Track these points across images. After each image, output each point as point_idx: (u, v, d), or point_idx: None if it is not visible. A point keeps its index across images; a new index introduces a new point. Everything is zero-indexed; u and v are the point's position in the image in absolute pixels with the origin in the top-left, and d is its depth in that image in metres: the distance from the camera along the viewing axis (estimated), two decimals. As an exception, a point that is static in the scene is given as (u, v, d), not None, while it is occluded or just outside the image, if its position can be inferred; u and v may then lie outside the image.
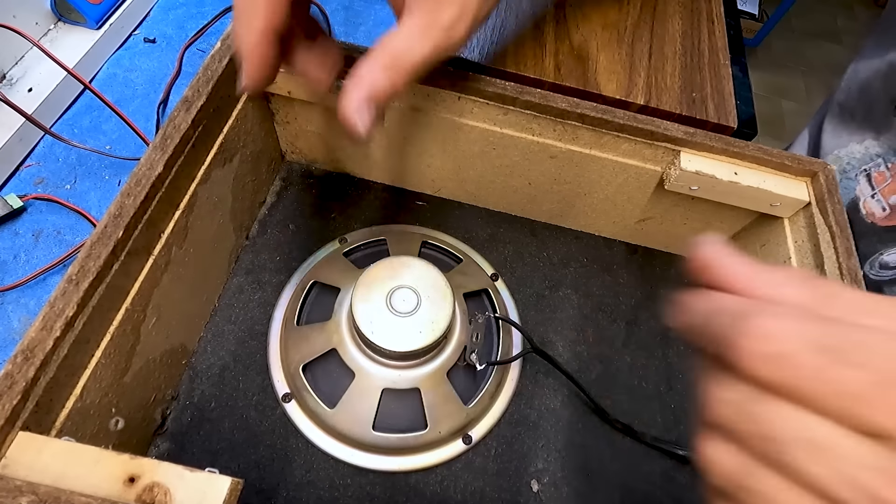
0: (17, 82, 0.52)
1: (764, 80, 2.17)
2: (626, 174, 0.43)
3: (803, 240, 0.39)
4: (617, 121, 0.38)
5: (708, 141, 0.39)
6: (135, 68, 0.57)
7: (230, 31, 0.37)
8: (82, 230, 0.46)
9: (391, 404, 0.38)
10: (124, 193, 0.29)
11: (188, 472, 0.23)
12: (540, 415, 0.41)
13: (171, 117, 0.32)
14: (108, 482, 0.22)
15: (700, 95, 0.46)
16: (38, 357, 0.24)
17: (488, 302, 0.45)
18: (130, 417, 0.32)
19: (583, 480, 0.39)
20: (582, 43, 0.48)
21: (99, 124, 0.53)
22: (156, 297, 0.32)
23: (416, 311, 0.36)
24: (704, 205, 0.44)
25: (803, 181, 0.40)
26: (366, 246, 0.46)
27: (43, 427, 0.25)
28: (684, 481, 0.40)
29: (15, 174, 0.49)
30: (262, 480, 0.36)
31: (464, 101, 0.39)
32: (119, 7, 0.60)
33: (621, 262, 0.50)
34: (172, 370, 0.37)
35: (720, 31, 0.52)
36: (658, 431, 0.42)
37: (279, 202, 0.48)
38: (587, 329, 0.46)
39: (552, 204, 0.48)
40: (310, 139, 0.47)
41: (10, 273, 0.43)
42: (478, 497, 0.37)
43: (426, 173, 0.48)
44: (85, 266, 0.26)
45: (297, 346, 0.40)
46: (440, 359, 0.39)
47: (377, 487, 0.37)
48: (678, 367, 0.45)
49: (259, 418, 0.38)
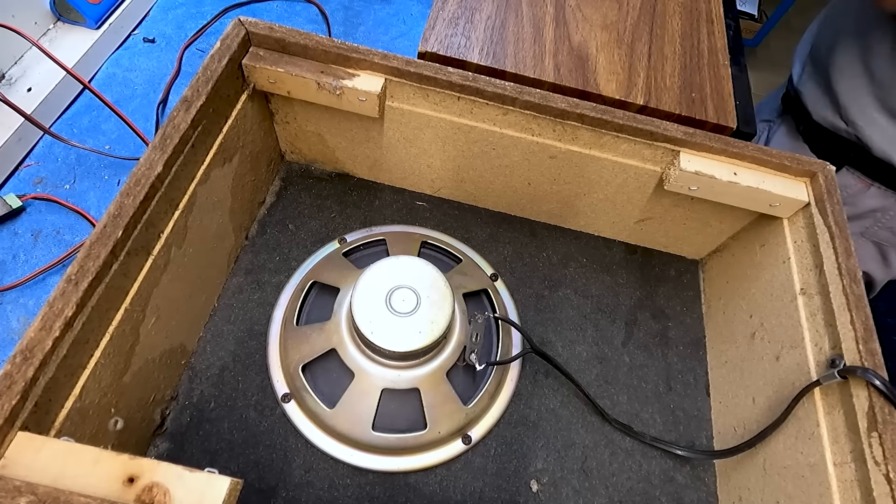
0: (17, 82, 0.52)
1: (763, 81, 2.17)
2: (626, 174, 0.43)
3: (802, 240, 0.39)
4: (616, 121, 0.38)
5: (707, 141, 0.39)
6: (134, 68, 0.57)
7: (230, 31, 0.37)
8: (81, 230, 0.46)
9: (391, 404, 0.38)
10: (123, 193, 0.29)
11: (187, 473, 0.23)
12: (539, 415, 0.41)
13: (170, 117, 0.32)
14: (108, 482, 0.22)
15: (699, 96, 0.46)
16: (37, 357, 0.24)
17: (488, 302, 0.45)
18: (130, 417, 0.32)
19: (582, 480, 0.39)
20: (581, 43, 0.48)
21: (98, 124, 0.53)
22: (155, 298, 0.32)
23: (415, 311, 0.36)
24: (704, 205, 0.44)
25: (802, 181, 0.40)
26: (365, 246, 0.46)
27: (42, 427, 0.25)
28: (683, 481, 0.40)
29: (14, 174, 0.49)
30: (261, 480, 0.36)
31: (464, 102, 0.39)
32: (118, 7, 0.60)
33: (621, 262, 0.50)
34: (172, 370, 0.37)
35: (719, 31, 0.52)
36: (657, 431, 0.42)
37: (279, 202, 0.48)
38: (586, 329, 0.46)
39: (552, 204, 0.48)
40: (309, 139, 0.47)
41: (9, 273, 0.43)
42: (477, 497, 0.37)
43: (426, 173, 0.48)
44: (84, 266, 0.26)
45: (296, 346, 0.40)
46: (440, 359, 0.39)
47: (376, 487, 0.37)
48: (677, 367, 0.46)
49: (258, 418, 0.38)
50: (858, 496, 0.29)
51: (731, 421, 0.41)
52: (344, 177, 0.50)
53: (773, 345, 0.39)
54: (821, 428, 0.33)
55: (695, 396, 0.44)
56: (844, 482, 0.30)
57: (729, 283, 0.47)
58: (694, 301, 0.50)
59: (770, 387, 0.38)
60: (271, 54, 0.38)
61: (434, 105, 0.40)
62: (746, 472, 0.38)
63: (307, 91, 0.38)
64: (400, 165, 0.48)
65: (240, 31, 0.37)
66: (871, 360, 0.32)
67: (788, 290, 0.39)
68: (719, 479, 0.41)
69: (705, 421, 0.43)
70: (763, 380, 0.39)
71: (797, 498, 0.33)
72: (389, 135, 0.44)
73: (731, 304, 0.46)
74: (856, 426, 0.30)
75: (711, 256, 0.51)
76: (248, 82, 0.39)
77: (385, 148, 0.46)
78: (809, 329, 0.36)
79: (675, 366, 0.45)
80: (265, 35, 0.37)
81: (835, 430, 0.32)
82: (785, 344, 0.38)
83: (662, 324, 0.47)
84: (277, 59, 0.38)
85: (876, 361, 0.31)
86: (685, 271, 0.51)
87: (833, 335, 0.34)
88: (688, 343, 0.47)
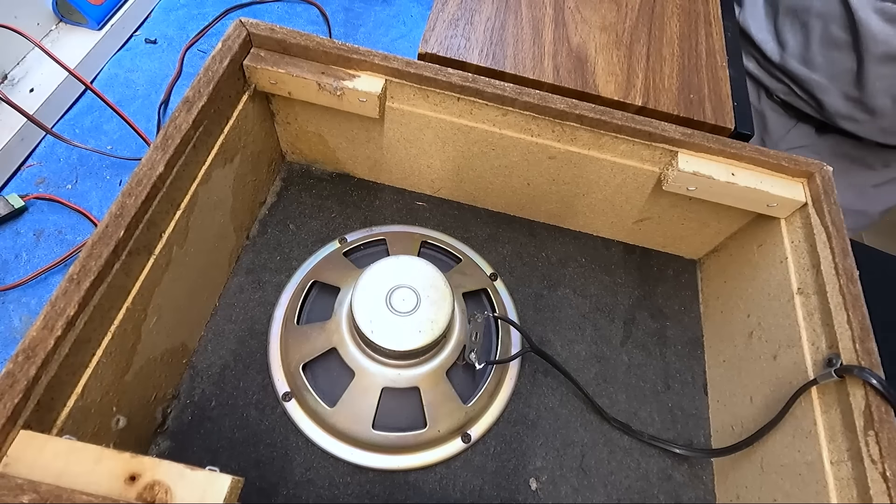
0: (19, 83, 0.53)
1: (763, 81, 2.17)
2: (624, 175, 0.43)
3: (800, 240, 0.39)
4: (615, 122, 0.39)
5: (705, 142, 0.39)
6: (136, 69, 0.58)
7: (231, 32, 0.37)
8: (83, 230, 0.47)
9: (391, 403, 0.38)
10: (125, 193, 0.29)
11: (189, 471, 0.23)
12: (538, 413, 0.41)
13: (172, 118, 0.32)
14: (109, 480, 0.23)
15: (698, 97, 0.47)
16: (39, 356, 0.24)
17: (487, 301, 0.45)
18: (131, 416, 0.32)
19: (581, 478, 0.39)
20: (580, 44, 0.48)
21: (100, 124, 0.53)
22: (157, 297, 0.33)
23: (415, 311, 0.36)
24: (702, 205, 0.44)
25: (800, 182, 0.40)
26: (366, 246, 0.46)
27: (44, 426, 0.25)
28: (681, 479, 0.41)
29: (16, 174, 0.49)
30: (262, 479, 0.36)
31: (463, 102, 0.40)
32: (120, 8, 0.60)
33: (619, 262, 0.51)
34: (173, 369, 0.37)
35: (717, 32, 0.53)
36: (655, 430, 0.42)
37: (279, 202, 0.48)
38: (585, 328, 0.46)
39: (551, 204, 0.49)
40: (310, 139, 0.47)
41: (11, 272, 0.44)
42: (476, 495, 0.37)
43: (426, 173, 0.48)
44: (86, 265, 0.27)
45: (297, 345, 0.40)
46: (439, 358, 0.39)
47: (377, 486, 0.37)
48: (675, 366, 0.46)
49: (259, 417, 0.38)
50: (855, 494, 0.30)
51: (728, 419, 0.42)
52: (344, 177, 0.51)
53: (770, 344, 0.39)
54: (818, 426, 0.33)
55: (693, 395, 0.45)
56: (841, 480, 0.31)
57: (727, 283, 0.47)
58: (692, 300, 0.50)
59: (767, 386, 0.38)
60: (272, 55, 0.38)
61: (434, 106, 0.40)
62: (744, 471, 0.38)
63: (308, 92, 0.39)
64: (400, 166, 0.48)
65: (241, 32, 0.37)
66: (867, 359, 0.32)
67: (786, 289, 0.39)
68: (717, 477, 0.41)
69: (703, 419, 0.44)
70: (760, 379, 0.39)
71: (794, 496, 0.33)
72: (390, 135, 0.44)
73: (729, 304, 0.46)
74: (852, 425, 0.31)
75: (709, 256, 0.51)
76: (249, 83, 0.39)
77: (385, 148, 0.46)
78: (806, 328, 0.36)
79: (673, 365, 0.46)
80: (266, 36, 0.37)
81: (832, 428, 0.32)
82: (782, 343, 0.38)
83: (661, 323, 0.48)
84: (278, 60, 0.38)
85: (873, 360, 0.32)
86: (683, 271, 0.52)
87: (830, 334, 0.34)
88: (686, 342, 0.47)
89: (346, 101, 0.39)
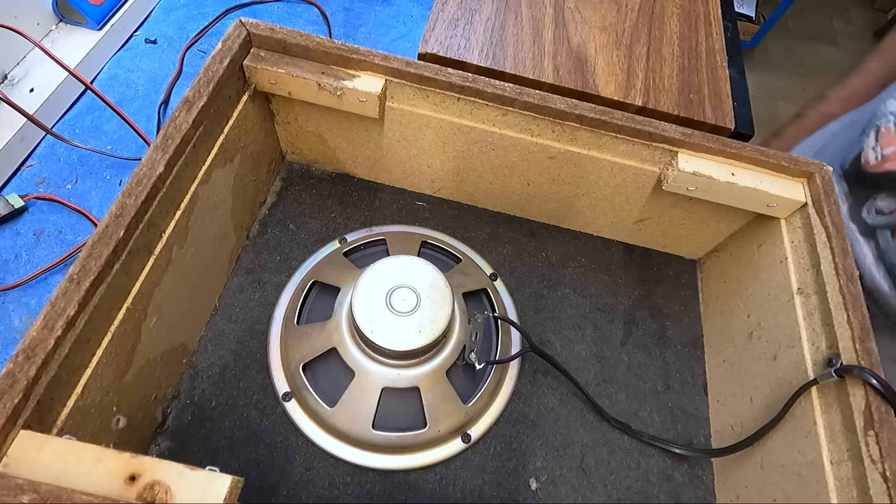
0: (19, 83, 0.53)
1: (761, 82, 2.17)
2: (624, 175, 0.43)
3: (800, 240, 0.39)
4: (615, 122, 0.39)
5: (705, 142, 0.39)
6: (136, 69, 0.58)
7: (231, 32, 0.37)
8: (83, 230, 0.47)
9: (391, 403, 0.38)
10: (125, 193, 0.29)
11: (189, 471, 0.23)
12: (538, 413, 0.41)
13: (172, 118, 0.32)
14: (109, 480, 0.22)
15: (698, 97, 0.47)
16: (39, 356, 0.24)
17: (487, 301, 0.45)
18: (131, 416, 0.32)
19: (581, 478, 0.39)
20: (580, 45, 0.48)
21: (100, 124, 0.53)
22: (157, 297, 0.33)
23: (415, 311, 0.36)
24: (702, 205, 0.44)
25: (800, 182, 0.40)
26: (366, 246, 0.46)
27: (44, 426, 0.25)
28: (681, 479, 0.41)
29: (16, 174, 0.49)
30: (262, 479, 0.36)
31: (463, 103, 0.40)
32: (120, 8, 0.60)
33: (619, 262, 0.51)
34: (173, 369, 0.37)
35: (717, 33, 0.53)
36: (655, 429, 0.42)
37: (279, 202, 0.48)
38: (585, 328, 0.46)
39: (551, 204, 0.49)
40: (310, 139, 0.47)
41: (11, 272, 0.44)
42: (476, 495, 0.37)
43: (426, 173, 0.48)
44: (86, 265, 0.27)
45: (297, 345, 0.40)
46: (439, 358, 0.39)
47: (377, 486, 0.37)
48: (675, 366, 0.46)
49: (259, 417, 0.38)
50: (855, 494, 0.30)
51: (728, 419, 0.42)
52: (344, 177, 0.51)
53: (770, 344, 0.39)
54: (818, 426, 0.33)
55: (693, 395, 0.45)
56: (841, 480, 0.31)
57: (727, 283, 0.47)
58: (692, 301, 0.50)
59: (767, 386, 0.38)
60: (272, 55, 0.38)
61: (434, 106, 0.40)
62: (744, 471, 0.38)
63: (308, 92, 0.39)
64: (400, 166, 0.48)
65: (241, 32, 0.37)
66: (867, 359, 0.32)
67: (786, 289, 0.39)
68: (717, 477, 0.41)
69: (703, 419, 0.44)
70: (760, 379, 0.39)
71: (794, 496, 0.33)
72: (390, 135, 0.44)
73: (729, 304, 0.46)
74: (852, 425, 0.31)
75: (709, 256, 0.51)
76: (249, 83, 0.39)
77: (385, 148, 0.46)
78: (806, 328, 0.36)
79: (673, 365, 0.46)
80: (266, 36, 0.37)
81: (832, 428, 0.32)
82: (782, 343, 0.38)
83: (661, 323, 0.48)
84: (278, 60, 0.38)
85: (872, 360, 0.32)
86: (683, 271, 0.52)
87: (830, 334, 0.34)
88: (686, 342, 0.47)
89: (346, 101, 0.39)
